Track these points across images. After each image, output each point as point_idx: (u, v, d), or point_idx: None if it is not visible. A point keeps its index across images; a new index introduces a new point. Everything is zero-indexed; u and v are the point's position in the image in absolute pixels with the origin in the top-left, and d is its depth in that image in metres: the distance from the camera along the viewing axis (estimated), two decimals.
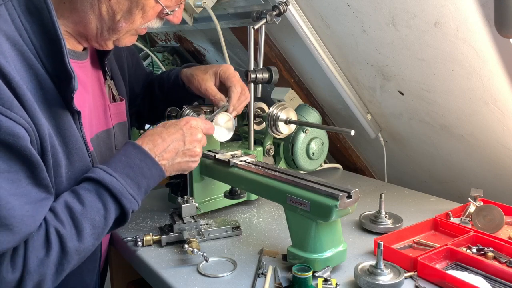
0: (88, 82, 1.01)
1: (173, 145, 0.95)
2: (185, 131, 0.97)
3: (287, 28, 1.44)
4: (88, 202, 0.83)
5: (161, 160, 0.93)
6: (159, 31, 2.36)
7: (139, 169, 0.89)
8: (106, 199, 0.84)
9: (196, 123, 1.00)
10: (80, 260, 0.84)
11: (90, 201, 0.83)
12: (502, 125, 1.23)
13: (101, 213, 0.83)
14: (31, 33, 0.81)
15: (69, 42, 0.94)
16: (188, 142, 0.97)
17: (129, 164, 0.89)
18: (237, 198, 1.17)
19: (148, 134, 0.95)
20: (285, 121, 1.25)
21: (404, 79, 1.33)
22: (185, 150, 0.97)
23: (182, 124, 0.98)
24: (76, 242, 0.80)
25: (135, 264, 1.07)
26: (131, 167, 0.89)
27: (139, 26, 0.94)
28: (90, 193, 0.84)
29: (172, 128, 0.97)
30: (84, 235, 0.81)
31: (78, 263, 0.84)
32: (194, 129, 0.99)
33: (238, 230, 1.12)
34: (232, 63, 1.94)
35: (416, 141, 1.56)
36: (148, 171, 0.91)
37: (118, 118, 1.12)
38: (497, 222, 1.10)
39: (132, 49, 1.35)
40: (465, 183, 1.52)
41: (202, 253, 0.96)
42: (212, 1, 1.54)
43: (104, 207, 0.84)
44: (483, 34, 1.04)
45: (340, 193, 0.87)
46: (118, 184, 0.85)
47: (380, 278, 0.85)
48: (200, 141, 1.00)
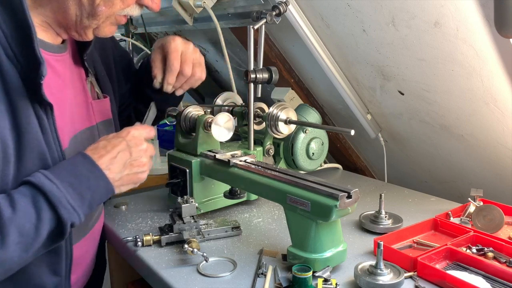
0: (67, 77, 0.97)
1: (119, 156, 0.89)
2: (128, 142, 0.91)
3: (287, 28, 1.44)
4: (20, 207, 0.75)
5: (109, 174, 0.87)
6: (159, 31, 2.36)
7: (85, 180, 0.83)
8: (42, 207, 0.77)
9: (138, 132, 0.94)
10: (4, 272, 0.76)
11: (22, 206, 0.76)
12: (502, 125, 1.23)
13: (32, 221, 0.76)
14: (2, 21, 0.80)
15: (47, 34, 0.91)
16: (134, 153, 0.91)
17: (74, 173, 0.83)
18: (237, 198, 1.17)
19: (91, 148, 0.89)
20: (285, 121, 1.25)
21: (404, 79, 1.33)
22: (132, 161, 0.91)
23: (124, 135, 0.92)
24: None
25: (135, 264, 1.07)
26: (76, 176, 0.83)
27: (119, 11, 0.92)
28: (24, 198, 0.77)
29: (115, 140, 0.91)
30: (7, 242, 0.73)
31: (2, 275, 0.76)
32: (137, 138, 0.93)
33: (238, 230, 1.12)
34: (232, 63, 1.94)
35: (416, 141, 1.56)
36: (95, 183, 0.84)
37: (103, 116, 1.07)
38: (497, 222, 1.10)
39: (123, 50, 1.33)
40: (465, 183, 1.52)
41: (202, 253, 0.96)
42: (212, 1, 1.54)
43: (37, 215, 0.77)
44: (483, 34, 1.04)
45: (340, 193, 0.87)
46: (58, 191, 0.79)
47: (380, 278, 0.85)
48: (146, 150, 0.94)
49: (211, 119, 1.19)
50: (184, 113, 1.27)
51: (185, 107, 1.28)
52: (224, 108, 1.37)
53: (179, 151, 1.27)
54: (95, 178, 0.85)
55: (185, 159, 1.21)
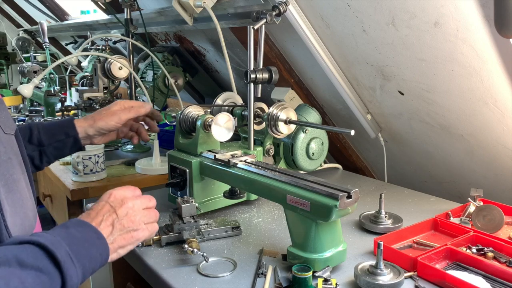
0: None
1: (105, 218, 0.80)
2: (111, 203, 0.83)
3: (287, 28, 1.44)
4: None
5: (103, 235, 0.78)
6: (159, 31, 2.36)
7: (82, 242, 0.74)
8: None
9: (121, 192, 0.86)
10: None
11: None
12: (502, 125, 1.23)
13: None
14: None
15: None
16: (120, 212, 0.82)
17: (70, 235, 0.74)
18: (237, 198, 1.17)
19: (74, 219, 0.80)
20: (285, 121, 1.25)
21: (404, 79, 1.33)
22: (120, 220, 0.82)
23: (106, 198, 0.85)
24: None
25: (135, 264, 1.07)
26: (73, 238, 0.74)
27: None
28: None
29: (96, 205, 0.83)
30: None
31: None
32: (120, 198, 0.85)
33: (238, 230, 1.12)
34: (232, 63, 1.94)
35: (416, 141, 1.56)
36: (92, 246, 0.75)
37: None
38: (497, 222, 1.10)
39: None
40: (465, 183, 1.52)
41: (202, 253, 0.96)
42: (212, 1, 1.54)
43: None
44: (483, 34, 1.04)
45: (340, 193, 0.87)
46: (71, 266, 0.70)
47: (380, 278, 0.85)
48: (133, 209, 0.84)
49: (211, 119, 1.19)
50: (184, 113, 1.27)
51: (185, 107, 1.28)
52: (224, 108, 1.37)
53: (179, 151, 1.27)
54: (91, 239, 0.76)
55: (185, 159, 1.21)
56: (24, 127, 1.15)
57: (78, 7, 3.50)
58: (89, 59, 2.23)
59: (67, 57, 1.58)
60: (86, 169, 1.57)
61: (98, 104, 1.90)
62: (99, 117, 1.21)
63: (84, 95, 1.96)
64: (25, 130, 1.14)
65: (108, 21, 2.55)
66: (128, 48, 2.01)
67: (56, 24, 3.49)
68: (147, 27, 2.04)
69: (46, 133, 1.15)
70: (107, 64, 1.96)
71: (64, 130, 1.17)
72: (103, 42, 2.23)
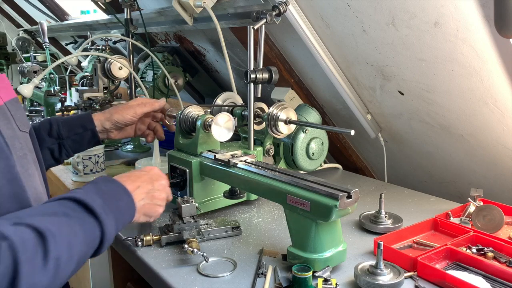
0: None
1: (142, 185, 0.91)
2: (151, 175, 0.96)
3: (287, 28, 1.44)
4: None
5: (134, 198, 0.87)
6: (159, 31, 2.36)
7: (114, 199, 0.82)
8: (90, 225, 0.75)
9: (159, 171, 1.00)
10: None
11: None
12: (502, 125, 1.23)
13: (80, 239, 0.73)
14: None
15: None
16: (156, 185, 0.95)
17: (103, 191, 0.82)
18: (237, 198, 1.17)
19: (114, 177, 0.89)
20: (285, 121, 1.25)
21: (404, 79, 1.33)
22: (154, 192, 0.94)
23: (147, 170, 0.98)
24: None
25: (135, 264, 1.07)
26: (107, 194, 0.82)
27: None
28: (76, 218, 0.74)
29: (137, 172, 0.95)
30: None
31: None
32: (159, 174, 0.98)
33: (238, 230, 1.12)
34: (232, 63, 1.94)
35: (416, 141, 1.56)
36: (122, 204, 0.84)
37: (7, 94, 0.91)
38: (497, 222, 1.10)
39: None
40: (465, 183, 1.52)
41: (202, 253, 0.96)
42: (212, 1, 1.54)
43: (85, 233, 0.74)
44: (483, 34, 1.04)
45: (340, 193, 0.87)
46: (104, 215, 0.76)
47: (380, 278, 0.85)
48: (165, 186, 0.98)
49: (211, 119, 1.19)
50: (184, 113, 1.27)
51: (185, 107, 1.28)
52: (224, 108, 1.37)
53: (179, 151, 1.27)
54: (123, 197, 0.84)
55: (185, 159, 1.21)
56: (45, 121, 1.20)
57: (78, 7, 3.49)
58: (89, 59, 2.22)
59: (67, 57, 1.58)
60: (86, 169, 1.57)
61: (98, 104, 1.90)
62: (115, 111, 1.25)
63: (84, 95, 1.96)
64: (45, 124, 1.19)
65: (108, 21, 2.55)
66: (128, 48, 2.01)
67: (56, 24, 3.49)
68: (147, 27, 2.04)
69: (65, 126, 1.19)
70: (107, 64, 1.96)
71: (82, 123, 1.21)
72: (103, 42, 2.23)
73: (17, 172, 0.76)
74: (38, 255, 0.63)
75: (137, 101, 1.30)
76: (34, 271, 0.62)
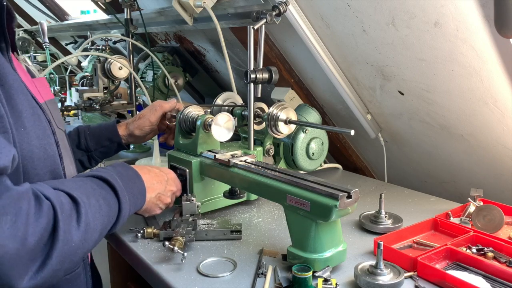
0: None
1: (157, 185, 1.02)
2: (167, 179, 1.06)
3: (287, 28, 1.44)
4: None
5: (146, 191, 0.97)
6: (159, 31, 2.36)
7: (132, 184, 0.92)
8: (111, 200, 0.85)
9: (175, 178, 1.12)
10: (84, 252, 0.79)
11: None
12: (502, 125, 1.23)
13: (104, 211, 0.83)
14: None
15: None
16: (167, 189, 1.05)
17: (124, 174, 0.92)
18: (237, 198, 1.17)
19: (134, 166, 0.99)
20: (285, 121, 1.25)
21: (404, 79, 1.33)
22: (162, 194, 1.04)
23: (166, 172, 1.08)
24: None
25: (135, 264, 1.07)
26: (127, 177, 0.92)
27: None
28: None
29: (158, 170, 1.06)
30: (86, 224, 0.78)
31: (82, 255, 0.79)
32: (174, 180, 1.10)
33: (237, 234, 1.10)
34: (232, 63, 1.94)
35: (416, 141, 1.56)
36: (136, 190, 0.93)
37: (47, 95, 0.97)
38: (497, 222, 1.10)
39: None
40: (465, 183, 1.52)
41: (182, 252, 0.96)
42: (212, 1, 1.54)
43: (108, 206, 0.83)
44: (483, 34, 1.04)
45: (340, 193, 0.87)
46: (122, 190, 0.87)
47: (380, 278, 0.85)
48: (173, 194, 1.09)
49: (211, 119, 1.19)
50: (184, 113, 1.27)
51: (185, 107, 1.28)
52: (224, 108, 1.37)
53: (179, 151, 1.27)
54: (138, 184, 0.94)
55: (185, 159, 1.21)
56: (73, 133, 1.29)
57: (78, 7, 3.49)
58: (89, 59, 2.22)
59: (67, 57, 1.58)
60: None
61: (98, 104, 1.90)
62: (134, 126, 1.32)
63: (84, 95, 1.96)
64: (73, 136, 1.28)
65: (108, 21, 2.55)
66: (128, 48, 2.01)
67: (56, 24, 3.49)
68: (147, 27, 2.04)
69: (92, 139, 1.29)
70: (107, 64, 1.96)
71: (109, 136, 1.31)
72: (103, 42, 2.23)
73: (56, 151, 0.85)
74: (73, 217, 0.72)
75: (149, 108, 1.34)
76: (69, 229, 0.70)
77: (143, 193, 0.96)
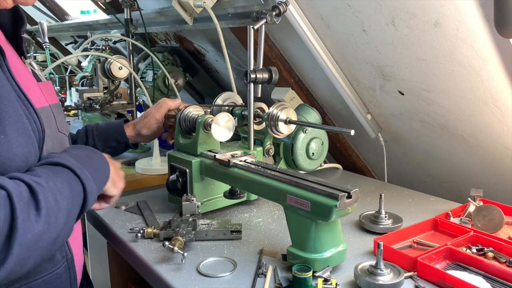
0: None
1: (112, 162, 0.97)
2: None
3: (287, 28, 1.44)
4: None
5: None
6: (159, 31, 2.36)
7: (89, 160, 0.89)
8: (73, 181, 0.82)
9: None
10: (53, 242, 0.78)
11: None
12: (502, 125, 1.23)
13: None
14: None
15: None
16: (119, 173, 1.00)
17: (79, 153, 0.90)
18: (237, 198, 1.17)
19: (72, 146, 0.98)
20: (285, 121, 1.25)
21: (404, 79, 1.33)
22: (117, 174, 0.98)
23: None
24: None
25: (135, 264, 1.07)
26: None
27: None
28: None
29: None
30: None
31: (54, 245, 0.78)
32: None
33: (237, 234, 1.10)
34: (232, 63, 1.94)
35: (416, 141, 1.56)
36: (99, 163, 0.92)
37: (52, 99, 0.99)
38: (497, 222, 1.10)
39: None
40: (465, 183, 1.52)
41: (182, 252, 0.96)
42: (212, 1, 1.54)
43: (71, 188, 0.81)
44: (483, 34, 1.04)
45: (340, 193, 0.87)
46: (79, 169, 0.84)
47: (380, 278, 0.85)
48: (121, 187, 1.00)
49: (211, 119, 1.19)
50: (184, 113, 1.27)
51: (185, 107, 1.28)
52: (224, 108, 1.37)
53: (179, 151, 1.27)
54: (94, 155, 0.91)
55: (185, 159, 1.21)
56: (82, 131, 1.31)
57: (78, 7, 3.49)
58: (89, 59, 2.22)
59: (67, 57, 1.58)
60: None
61: (98, 104, 1.90)
62: (141, 125, 1.32)
63: (84, 95, 1.96)
64: (82, 136, 1.30)
65: (108, 21, 2.55)
66: (128, 48, 2.01)
67: (56, 24, 3.49)
68: (147, 27, 2.04)
69: (100, 139, 1.30)
70: (107, 64, 1.96)
71: (116, 136, 1.31)
72: (103, 42, 2.23)
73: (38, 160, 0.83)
74: (31, 205, 0.70)
75: (154, 106, 1.35)
76: (29, 218, 0.69)
77: (105, 165, 0.92)
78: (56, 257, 0.88)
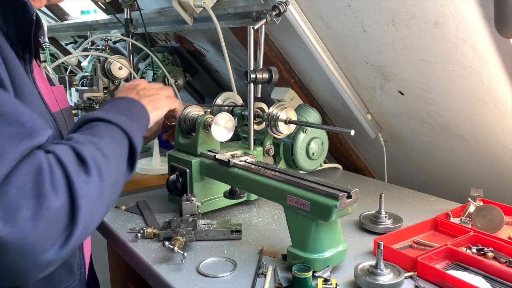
0: None
1: (129, 93, 0.97)
2: (127, 86, 1.01)
3: (287, 28, 1.44)
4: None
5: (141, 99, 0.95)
6: (159, 31, 2.36)
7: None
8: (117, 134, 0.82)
9: (133, 82, 1.05)
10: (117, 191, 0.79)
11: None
12: (502, 125, 1.23)
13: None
14: None
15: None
16: (139, 88, 0.99)
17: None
18: (237, 198, 1.17)
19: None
20: (285, 121, 1.25)
21: (404, 79, 1.33)
22: (143, 91, 0.98)
23: (120, 87, 1.03)
24: None
25: (135, 264, 1.07)
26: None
27: None
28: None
29: (116, 93, 1.01)
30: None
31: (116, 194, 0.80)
32: (134, 83, 1.02)
33: (237, 234, 1.10)
34: (232, 63, 1.94)
35: (416, 141, 1.56)
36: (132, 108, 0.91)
37: (64, 103, 1.02)
38: (497, 222, 1.10)
39: None
40: (465, 183, 1.52)
41: (182, 252, 0.96)
42: (212, 1, 1.54)
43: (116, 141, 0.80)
44: (483, 34, 1.04)
45: (340, 193, 0.87)
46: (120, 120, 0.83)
47: (380, 278, 0.85)
48: (149, 85, 1.02)
49: (211, 119, 1.19)
50: (184, 113, 1.27)
51: (185, 107, 1.28)
52: (224, 108, 1.37)
53: (179, 151, 1.27)
54: (120, 101, 0.90)
55: (185, 159, 1.21)
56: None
57: (78, 7, 3.49)
58: (89, 59, 2.22)
59: (67, 57, 1.58)
60: None
61: (98, 104, 1.90)
62: None
63: (84, 95, 1.96)
64: None
65: (108, 21, 2.55)
66: (128, 48, 2.01)
67: (56, 24, 3.49)
68: (147, 27, 2.04)
69: None
70: (107, 64, 1.96)
71: None
72: (103, 42, 2.23)
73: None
74: (79, 163, 0.68)
75: None
76: (79, 174, 0.67)
77: (132, 100, 0.92)
78: (74, 270, 0.89)
